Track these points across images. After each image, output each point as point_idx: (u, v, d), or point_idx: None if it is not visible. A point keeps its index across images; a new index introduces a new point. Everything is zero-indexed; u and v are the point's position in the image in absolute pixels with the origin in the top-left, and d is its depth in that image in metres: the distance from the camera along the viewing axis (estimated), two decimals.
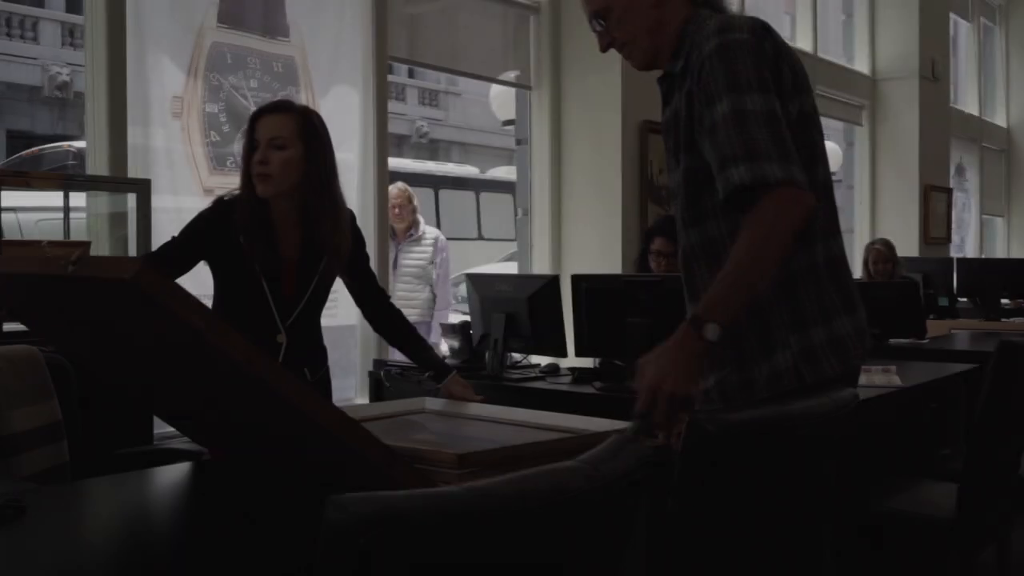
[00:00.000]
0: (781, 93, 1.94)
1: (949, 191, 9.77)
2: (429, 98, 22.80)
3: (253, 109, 2.91)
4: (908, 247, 8.29)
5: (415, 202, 5.89)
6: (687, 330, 1.81)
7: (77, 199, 3.71)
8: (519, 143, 5.98)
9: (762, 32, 1.97)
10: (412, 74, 21.57)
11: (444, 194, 14.80)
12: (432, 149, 22.30)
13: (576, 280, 3.58)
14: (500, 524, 0.99)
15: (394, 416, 2.47)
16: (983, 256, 11.50)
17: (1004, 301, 6.93)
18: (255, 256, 2.57)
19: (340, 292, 2.91)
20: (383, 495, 0.92)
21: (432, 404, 2.61)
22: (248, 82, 4.22)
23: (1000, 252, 12.37)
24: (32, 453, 2.42)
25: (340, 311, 4.01)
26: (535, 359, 3.93)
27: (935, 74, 9.31)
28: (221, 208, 2.63)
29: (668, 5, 2.07)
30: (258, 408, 1.61)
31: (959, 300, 7.10)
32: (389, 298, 2.92)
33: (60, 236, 3.56)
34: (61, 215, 3.58)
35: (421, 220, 5.99)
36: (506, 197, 14.16)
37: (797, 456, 1.65)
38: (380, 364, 3.88)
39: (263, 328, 2.60)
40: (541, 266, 5.72)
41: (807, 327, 1.97)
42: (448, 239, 6.24)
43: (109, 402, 2.48)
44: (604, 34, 2.13)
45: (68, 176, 4.65)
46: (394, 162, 5.77)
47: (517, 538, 1.02)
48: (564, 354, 3.61)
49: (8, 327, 2.95)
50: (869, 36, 9.20)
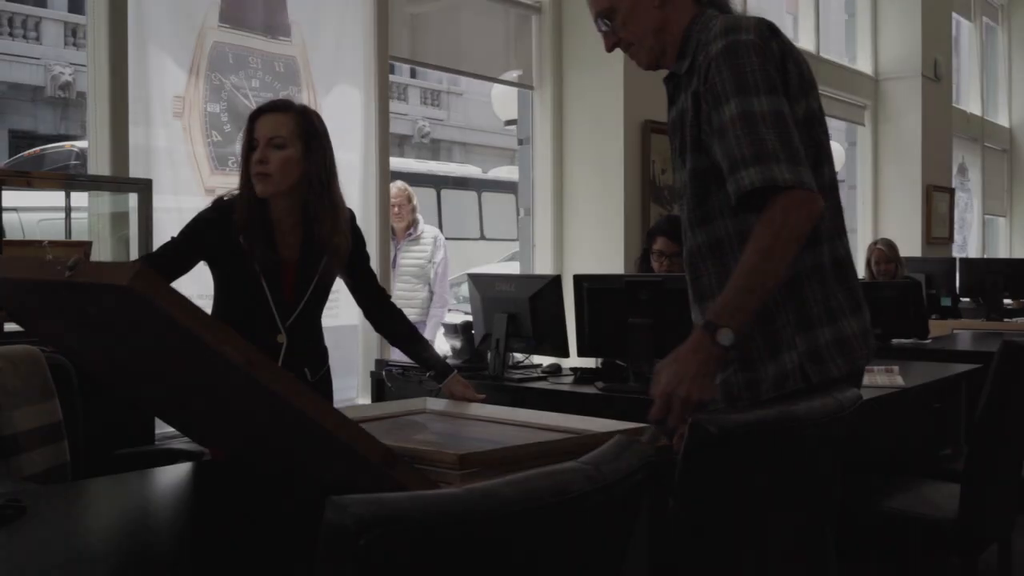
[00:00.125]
0: (788, 93, 1.94)
1: (951, 191, 9.76)
2: (431, 98, 22.81)
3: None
4: (910, 247, 8.29)
5: (414, 201, 5.88)
6: (701, 335, 1.82)
7: (79, 199, 3.71)
8: (521, 143, 5.98)
9: (768, 32, 1.97)
10: (414, 74, 21.58)
11: (446, 194, 14.80)
12: (434, 149, 22.31)
13: (578, 280, 3.57)
14: (501, 525, 0.99)
15: (395, 416, 2.47)
16: (985, 256, 11.49)
17: (1006, 301, 6.93)
18: (255, 256, 2.57)
19: (342, 292, 2.90)
20: (383, 496, 0.92)
21: (433, 404, 2.61)
22: (250, 82, 4.21)
23: (1002, 252, 12.38)
24: (33, 453, 2.42)
25: (341, 311, 4.01)
26: (537, 359, 3.93)
27: (937, 74, 9.30)
28: (221, 208, 2.63)
29: (673, 5, 2.07)
30: (258, 410, 1.61)
31: (961, 300, 7.11)
32: (390, 298, 2.91)
33: (62, 236, 3.56)
34: (63, 215, 3.58)
35: (420, 219, 5.98)
36: (508, 197, 14.16)
37: (800, 457, 1.65)
38: (382, 364, 3.87)
39: (263, 328, 2.60)
40: (543, 266, 5.71)
41: (813, 327, 1.97)
42: (450, 239, 6.23)
43: (110, 402, 2.48)
44: (610, 34, 2.13)
45: (70, 176, 4.65)
46: (396, 162, 5.77)
47: (518, 539, 1.01)
48: (566, 354, 3.60)
49: (9, 327, 2.95)
50: (871, 36, 9.19)
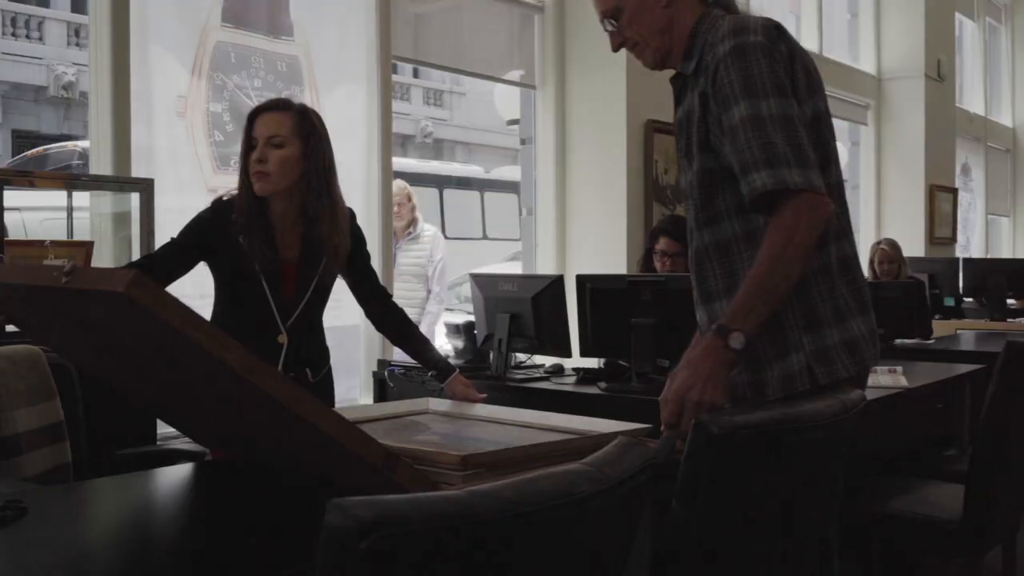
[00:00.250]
0: (796, 94, 1.94)
1: (954, 191, 9.74)
2: (434, 98, 22.80)
3: None
4: (913, 247, 8.28)
5: (414, 200, 5.85)
6: (713, 339, 1.84)
7: (81, 199, 3.71)
8: (524, 143, 5.97)
9: (776, 33, 1.97)
10: (417, 74, 21.58)
11: (448, 194, 14.79)
12: (437, 149, 22.30)
13: (580, 280, 3.57)
14: (503, 528, 0.98)
15: (398, 417, 2.46)
16: (989, 256, 11.47)
17: (1010, 301, 6.92)
18: (254, 256, 2.56)
19: (344, 292, 2.90)
20: (384, 499, 0.91)
21: (436, 405, 2.60)
22: (252, 81, 4.21)
23: (1006, 252, 12.36)
24: (34, 453, 2.42)
25: (344, 311, 4.00)
26: (539, 359, 3.92)
27: (940, 74, 9.29)
28: (220, 208, 2.62)
29: (679, 5, 2.07)
30: (259, 414, 1.61)
31: (965, 300, 7.10)
32: (391, 297, 2.91)
33: (64, 236, 3.55)
34: (65, 215, 3.58)
35: (420, 218, 5.95)
36: (511, 197, 14.14)
37: (804, 458, 1.64)
38: (384, 364, 3.87)
39: (264, 329, 2.59)
40: (545, 266, 5.71)
41: (821, 328, 1.97)
42: (453, 239, 6.22)
43: (112, 402, 2.47)
44: (616, 34, 2.13)
45: (72, 176, 4.65)
46: (398, 162, 5.75)
47: (520, 542, 1.01)
48: (568, 354, 3.60)
49: (10, 327, 2.95)
50: (874, 36, 9.18)
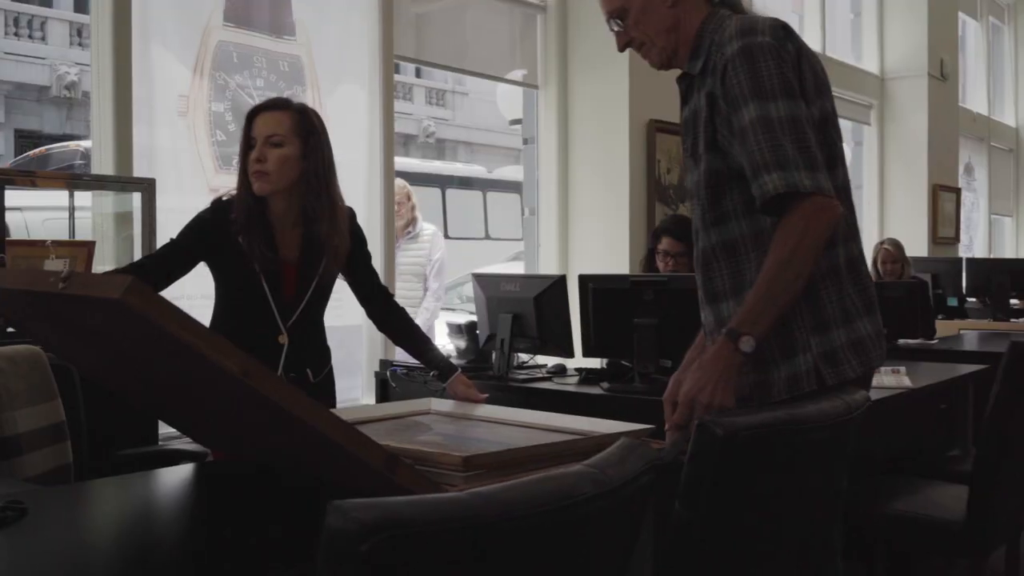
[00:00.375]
0: (804, 95, 1.94)
1: (958, 191, 9.73)
2: (436, 97, 22.80)
3: None
4: (917, 247, 8.26)
5: (413, 199, 5.82)
6: (724, 343, 1.86)
7: (83, 198, 3.70)
8: (526, 142, 5.96)
9: (783, 34, 1.97)
10: (419, 73, 21.58)
11: (451, 194, 14.78)
12: (439, 148, 22.30)
13: (583, 280, 3.56)
14: (505, 530, 0.97)
15: (400, 417, 2.45)
16: (992, 256, 11.45)
17: (1013, 301, 6.90)
18: (253, 256, 2.55)
19: (346, 292, 2.89)
20: (385, 501, 0.90)
21: (438, 405, 2.59)
22: (254, 81, 4.20)
23: (1009, 252, 12.34)
24: (35, 454, 2.41)
25: (346, 311, 3.99)
26: (542, 359, 3.91)
27: (944, 73, 9.27)
28: (219, 208, 2.61)
29: (685, 5, 2.07)
30: (258, 417, 1.60)
31: (968, 300, 7.08)
32: (393, 297, 2.90)
33: (66, 235, 3.55)
34: (67, 214, 3.57)
35: (419, 217, 5.93)
36: (513, 197, 14.13)
37: (807, 459, 1.63)
38: (386, 364, 3.86)
39: (264, 329, 2.58)
40: (548, 266, 5.70)
41: (828, 329, 1.97)
42: (455, 239, 6.19)
43: (113, 402, 2.46)
44: (622, 34, 2.13)
45: (74, 175, 4.64)
46: (401, 161, 5.72)
47: (523, 544, 1.00)
48: (571, 354, 3.59)
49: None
50: (877, 35, 9.17)
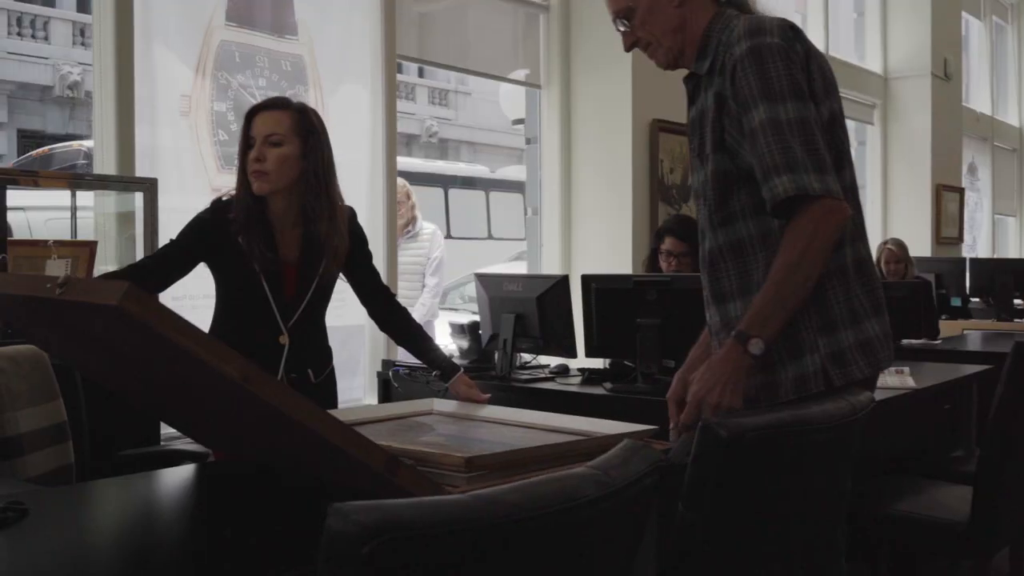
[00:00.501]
0: (813, 96, 1.94)
1: (961, 190, 9.71)
2: (439, 97, 22.79)
3: None
4: (920, 247, 8.25)
5: (413, 199, 5.79)
6: (733, 345, 1.87)
7: (85, 198, 3.70)
8: (529, 142, 5.95)
9: (792, 34, 1.97)
10: (422, 73, 21.57)
11: (454, 193, 14.77)
12: (442, 148, 22.29)
13: (586, 280, 3.55)
14: (507, 533, 0.97)
15: (402, 418, 2.44)
16: (995, 256, 11.44)
17: (1017, 301, 6.88)
18: (253, 256, 2.54)
19: (348, 291, 2.89)
20: (386, 503, 0.90)
21: (441, 406, 2.58)
22: (256, 81, 4.20)
23: (1012, 252, 12.32)
24: (36, 454, 2.41)
25: (348, 310, 3.98)
26: (544, 359, 3.90)
27: (947, 73, 9.26)
28: (219, 208, 2.60)
29: (692, 5, 2.07)
30: (258, 420, 1.60)
31: (971, 300, 7.07)
32: (395, 296, 2.89)
33: (68, 235, 3.55)
34: (69, 214, 3.57)
35: (419, 216, 5.91)
36: (516, 196, 14.13)
37: (812, 460, 1.62)
38: (388, 364, 3.85)
39: (265, 329, 2.58)
40: (551, 266, 5.69)
41: (836, 330, 1.97)
42: (458, 239, 6.17)
43: (115, 403, 2.46)
44: (628, 34, 2.13)
45: (76, 175, 4.64)
46: (403, 161, 5.70)
47: (525, 547, 0.99)
48: (574, 355, 3.58)
49: None
50: (881, 35, 9.15)
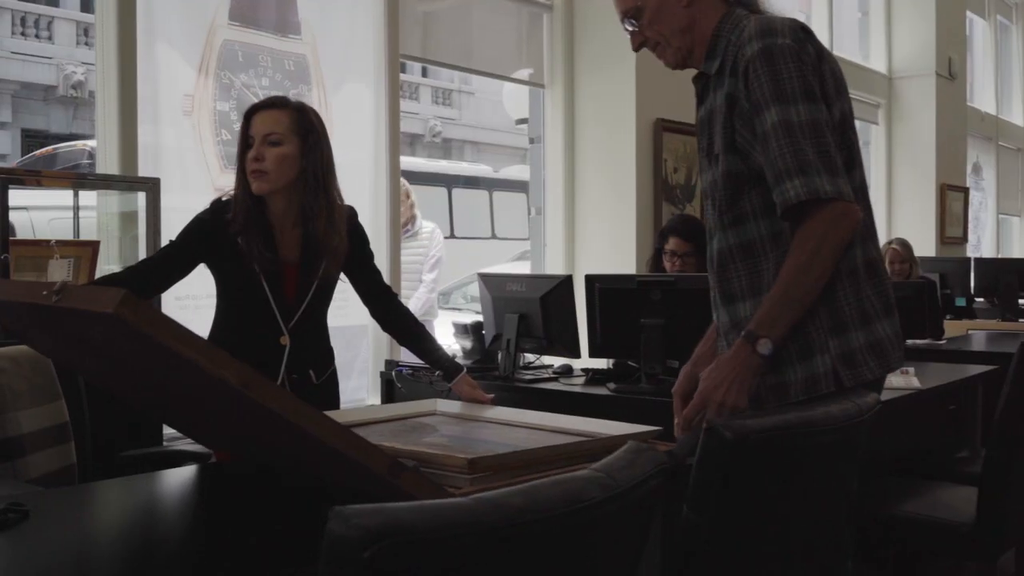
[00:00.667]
0: (824, 97, 1.93)
1: (966, 190, 9.69)
2: (442, 97, 22.79)
3: None
4: (924, 247, 8.23)
5: (412, 197, 5.77)
6: (742, 345, 1.88)
7: (88, 198, 3.69)
8: (532, 142, 5.94)
9: (803, 35, 1.97)
10: (425, 73, 21.57)
11: (457, 193, 14.76)
12: (445, 148, 22.29)
13: (589, 280, 3.54)
14: (511, 536, 0.96)
15: (405, 418, 2.44)
16: (1000, 256, 11.42)
17: (1021, 301, 6.87)
18: (252, 257, 2.53)
19: (351, 291, 2.88)
20: (388, 507, 0.89)
21: (444, 406, 2.58)
22: (259, 80, 4.19)
23: (1017, 252, 12.30)
24: (38, 455, 2.40)
25: (351, 310, 3.97)
26: (548, 360, 3.90)
27: (951, 72, 9.24)
28: (219, 209, 2.59)
29: (700, 4, 2.06)
30: (259, 425, 1.59)
31: (976, 300, 7.05)
32: (397, 296, 2.88)
33: (71, 235, 3.54)
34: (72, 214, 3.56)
35: (418, 215, 5.88)
36: (519, 196, 14.12)
37: (817, 463, 1.62)
38: (391, 364, 3.85)
39: (266, 330, 2.57)
40: (554, 266, 5.68)
41: (846, 330, 1.96)
42: (461, 238, 6.14)
43: (117, 403, 2.46)
44: (636, 34, 2.12)
45: (79, 175, 4.64)
46: (407, 161, 5.69)
47: (529, 550, 0.98)
48: (577, 355, 3.58)
49: None
50: (885, 34, 9.13)
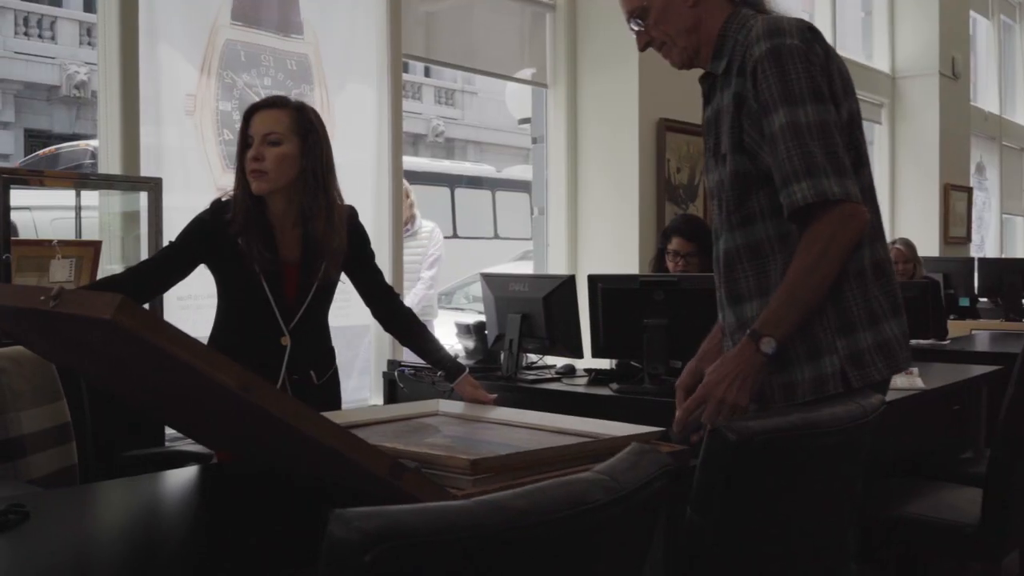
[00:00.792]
0: (833, 97, 1.92)
1: (969, 190, 9.67)
2: (445, 97, 22.79)
3: None
4: (928, 247, 8.22)
5: (412, 197, 5.76)
6: (746, 343, 1.89)
7: (90, 198, 3.69)
8: (535, 141, 5.93)
9: (811, 35, 1.97)
10: (428, 72, 21.57)
11: (460, 193, 14.75)
12: (448, 148, 22.28)
13: (592, 280, 3.53)
14: (513, 539, 0.95)
15: (408, 419, 2.43)
16: (1003, 256, 11.40)
17: None
18: (252, 257, 2.52)
19: (353, 291, 2.87)
20: (389, 509, 0.88)
21: (447, 407, 2.57)
22: (262, 80, 4.18)
23: (1021, 251, 12.29)
24: (40, 455, 2.40)
25: (353, 310, 3.96)
26: (551, 360, 3.89)
27: (955, 72, 9.22)
28: (219, 209, 2.58)
29: (707, 4, 2.06)
30: (259, 428, 1.58)
31: (980, 300, 7.04)
32: (398, 296, 2.87)
33: (73, 235, 3.54)
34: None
35: (418, 215, 5.87)
36: (522, 196, 14.10)
37: (822, 464, 1.61)
38: (394, 364, 3.84)
39: (266, 331, 2.56)
40: (557, 266, 5.67)
41: (854, 331, 1.96)
42: (464, 238, 6.12)
43: (118, 403, 2.45)
44: (642, 34, 2.12)
45: (81, 175, 4.64)
46: (409, 161, 5.68)
47: (531, 553, 0.98)
48: (580, 355, 3.57)
49: None
50: (888, 34, 9.12)
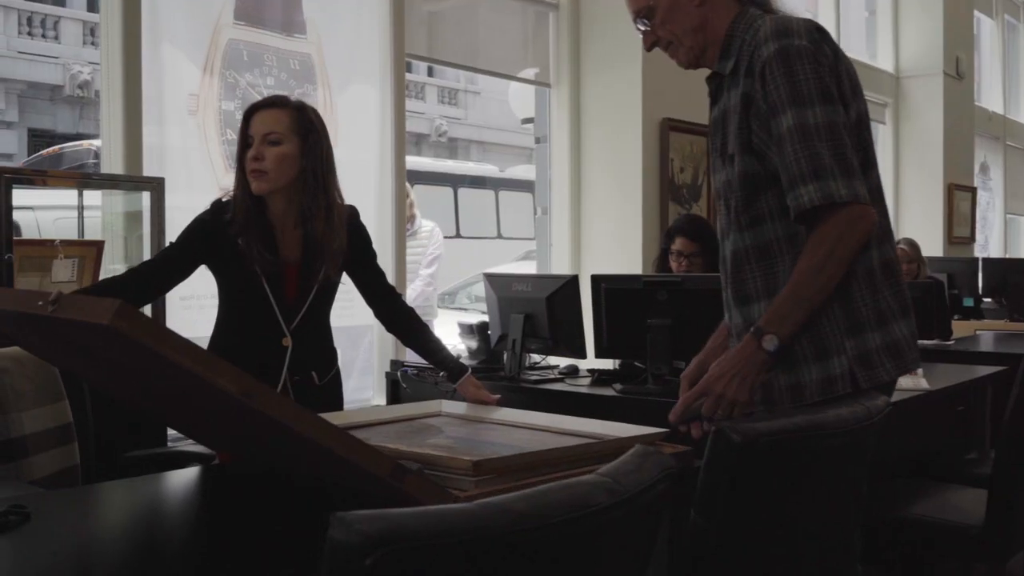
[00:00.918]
0: (842, 98, 1.92)
1: (973, 190, 9.66)
2: (448, 96, 22.78)
3: None
4: (932, 247, 8.21)
5: (412, 197, 5.75)
6: (749, 340, 1.89)
7: (93, 197, 3.68)
8: (538, 141, 5.92)
9: (819, 36, 1.96)
10: (431, 72, 21.56)
11: (463, 193, 14.75)
12: (451, 148, 22.29)
13: (595, 280, 3.53)
14: (515, 542, 0.94)
15: (410, 419, 2.42)
16: (1007, 256, 11.38)
17: None
18: (252, 257, 2.51)
19: (355, 291, 2.86)
20: (391, 512, 0.87)
21: (449, 407, 2.56)
22: (265, 79, 4.18)
23: None
24: (42, 455, 2.39)
25: (355, 310, 3.95)
26: (554, 360, 3.88)
27: (959, 71, 9.21)
28: (219, 210, 2.58)
29: (714, 4, 2.05)
30: (260, 431, 1.58)
31: (984, 300, 7.02)
32: (401, 296, 2.86)
33: (75, 235, 3.53)
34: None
35: (418, 215, 5.86)
36: (525, 196, 14.10)
37: (827, 465, 1.60)
38: (396, 365, 3.83)
39: (267, 332, 2.55)
40: (560, 266, 5.66)
41: (863, 331, 1.95)
42: (467, 238, 6.11)
43: (121, 404, 2.44)
44: (649, 34, 2.11)
45: (84, 175, 4.64)
46: (412, 160, 5.67)
47: (533, 557, 0.97)
48: (583, 355, 3.56)
49: None
50: (892, 33, 9.11)
